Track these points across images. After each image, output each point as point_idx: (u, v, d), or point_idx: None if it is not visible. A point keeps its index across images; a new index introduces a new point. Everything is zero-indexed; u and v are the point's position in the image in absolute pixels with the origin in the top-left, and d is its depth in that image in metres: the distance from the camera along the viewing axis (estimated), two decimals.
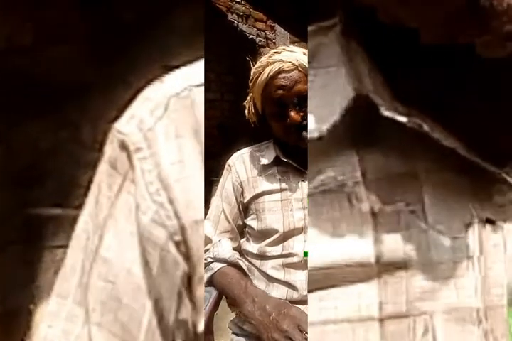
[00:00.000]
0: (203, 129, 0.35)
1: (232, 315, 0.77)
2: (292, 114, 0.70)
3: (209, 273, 0.75)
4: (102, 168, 0.35)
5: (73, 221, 0.36)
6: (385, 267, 0.33)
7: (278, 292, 0.70)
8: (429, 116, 0.33)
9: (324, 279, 0.33)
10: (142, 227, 0.32)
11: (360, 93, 0.33)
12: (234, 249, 0.78)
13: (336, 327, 0.32)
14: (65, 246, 0.36)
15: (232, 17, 3.06)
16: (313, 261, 0.33)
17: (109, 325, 0.32)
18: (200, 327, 0.33)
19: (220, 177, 0.83)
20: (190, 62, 0.37)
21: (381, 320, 0.32)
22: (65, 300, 0.34)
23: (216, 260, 0.75)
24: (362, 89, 0.33)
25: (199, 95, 0.35)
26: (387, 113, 0.32)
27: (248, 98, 0.81)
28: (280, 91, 0.71)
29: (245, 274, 0.74)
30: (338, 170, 0.34)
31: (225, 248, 0.76)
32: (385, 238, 0.33)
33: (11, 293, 0.44)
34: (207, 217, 0.82)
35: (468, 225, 0.33)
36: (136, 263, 0.32)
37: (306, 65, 0.71)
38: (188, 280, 0.33)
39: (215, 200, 0.82)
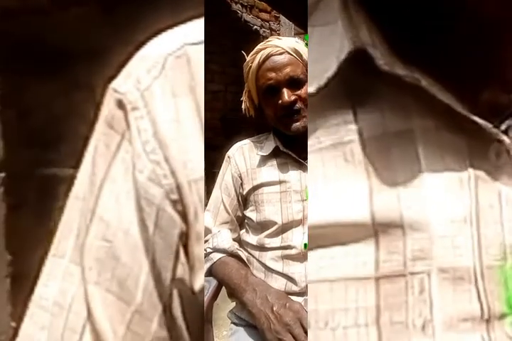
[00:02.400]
0: (202, 88, 0.35)
1: (232, 305, 0.78)
2: (284, 94, 0.70)
3: (209, 264, 0.75)
4: (100, 128, 0.35)
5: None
6: (381, 226, 0.32)
7: (277, 283, 0.71)
8: (427, 72, 0.32)
9: (322, 237, 0.33)
10: (139, 186, 0.32)
11: (357, 47, 0.32)
12: (233, 240, 0.79)
13: (332, 285, 0.32)
14: None
15: (236, 7, 3.02)
16: (312, 219, 0.33)
17: (107, 284, 0.32)
18: (198, 285, 0.33)
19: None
20: (190, 19, 0.37)
21: (377, 279, 0.32)
22: (62, 260, 0.34)
23: (216, 250, 0.76)
24: (359, 42, 0.32)
25: (197, 53, 0.35)
26: (385, 66, 0.32)
27: (244, 91, 0.81)
28: (271, 74, 0.71)
29: (245, 264, 0.74)
30: (333, 127, 0.34)
31: (224, 238, 0.77)
32: (380, 197, 0.33)
33: (26, 255, 0.45)
34: (207, 208, 0.82)
35: (464, 184, 0.33)
36: (133, 222, 0.32)
37: (298, 50, 0.72)
38: (186, 239, 0.33)
39: (214, 192, 0.82)
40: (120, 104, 0.34)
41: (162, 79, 0.34)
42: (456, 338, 0.31)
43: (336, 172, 0.33)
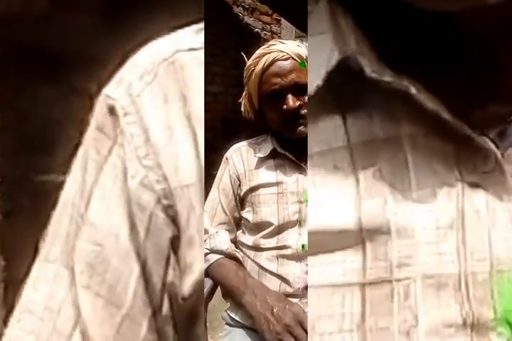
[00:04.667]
0: (201, 93, 0.35)
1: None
2: (289, 100, 0.70)
3: (206, 265, 0.75)
4: (91, 133, 0.35)
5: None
6: (367, 232, 0.32)
7: (271, 284, 0.71)
8: (415, 79, 0.32)
9: (314, 245, 0.33)
10: (130, 191, 0.33)
11: (345, 55, 0.33)
12: (230, 240, 0.79)
13: (317, 292, 0.33)
14: None
15: (237, 10, 3.04)
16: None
17: (97, 288, 0.32)
18: (189, 290, 0.33)
19: None
20: (187, 25, 0.37)
21: (363, 286, 0.32)
22: (52, 264, 0.34)
23: (213, 251, 0.76)
24: (347, 51, 0.33)
25: (192, 59, 0.35)
26: (373, 74, 0.32)
27: (243, 94, 0.81)
28: (277, 80, 0.71)
29: (243, 266, 0.74)
30: (322, 134, 0.34)
31: (222, 239, 0.77)
32: (367, 203, 0.33)
33: (20, 260, 0.45)
34: (204, 209, 0.83)
35: (451, 191, 0.33)
36: (123, 227, 0.32)
37: (301, 55, 0.72)
38: (177, 244, 0.33)
39: (212, 192, 0.83)
40: (112, 110, 0.34)
41: (154, 85, 0.34)
42: None
43: (325, 179, 0.34)
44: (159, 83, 0.34)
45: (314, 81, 0.34)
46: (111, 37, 0.49)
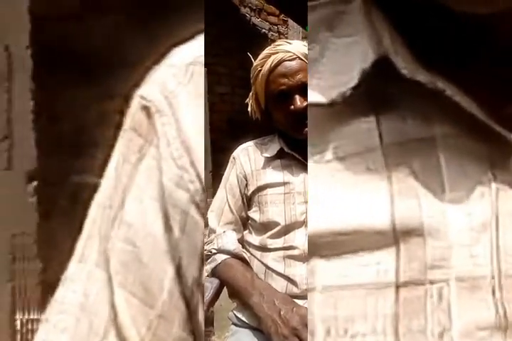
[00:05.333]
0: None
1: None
2: (297, 100, 0.70)
3: (213, 264, 0.75)
4: (126, 134, 0.36)
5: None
6: (401, 234, 0.32)
7: (277, 285, 0.71)
8: (450, 79, 0.32)
9: (340, 245, 0.33)
10: (165, 191, 0.33)
11: (380, 55, 0.33)
12: (237, 240, 0.79)
13: (351, 293, 0.32)
14: None
15: (244, 11, 3.04)
16: (325, 226, 0.33)
17: (131, 287, 0.32)
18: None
19: None
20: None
21: (397, 287, 0.32)
22: (86, 265, 0.34)
23: (220, 251, 0.76)
24: (382, 51, 0.33)
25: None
26: (407, 74, 0.32)
27: (250, 94, 0.81)
28: (284, 80, 0.71)
29: (250, 267, 0.74)
30: (355, 136, 0.34)
31: (229, 239, 0.77)
32: (401, 204, 0.33)
33: (55, 261, 0.45)
34: (210, 209, 0.83)
35: (484, 192, 0.33)
36: (158, 227, 0.33)
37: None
38: None
39: (219, 192, 0.83)
40: (147, 111, 0.34)
41: (189, 86, 0.35)
42: None
43: (358, 180, 0.34)
44: (193, 83, 0.35)
45: (348, 82, 0.34)
46: (144, 38, 0.49)
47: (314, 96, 0.35)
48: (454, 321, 0.31)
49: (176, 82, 0.35)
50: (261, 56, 0.75)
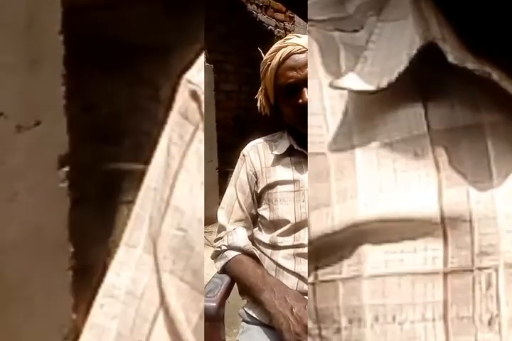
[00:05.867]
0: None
1: (243, 303, 0.79)
2: (305, 94, 0.69)
3: (223, 261, 0.76)
4: (173, 118, 0.36)
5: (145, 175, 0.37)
6: (449, 220, 0.32)
7: (288, 282, 0.71)
8: (498, 65, 0.32)
9: (389, 231, 0.33)
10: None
11: (428, 41, 0.32)
12: (247, 237, 0.79)
13: (400, 280, 0.32)
14: None
15: (251, 7, 3.03)
16: (371, 212, 0.33)
17: (181, 273, 0.32)
18: None
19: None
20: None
21: (445, 274, 0.32)
22: (134, 249, 0.35)
23: (231, 248, 0.76)
24: (430, 37, 0.33)
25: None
26: (455, 61, 0.32)
27: (259, 89, 0.81)
28: (292, 73, 0.71)
29: (260, 263, 0.74)
30: (402, 123, 0.34)
31: (240, 236, 0.77)
32: (449, 191, 0.33)
33: (88, 247, 0.45)
34: (221, 206, 0.83)
35: None
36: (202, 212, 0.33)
37: None
38: None
39: (229, 189, 0.83)
40: (195, 95, 0.34)
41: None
42: None
43: (405, 166, 0.33)
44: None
45: (395, 67, 0.33)
46: (175, 28, 0.49)
47: (358, 83, 0.34)
48: (502, 308, 0.31)
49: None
50: (271, 50, 0.75)
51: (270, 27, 3.24)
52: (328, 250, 0.35)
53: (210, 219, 1.04)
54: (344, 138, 0.35)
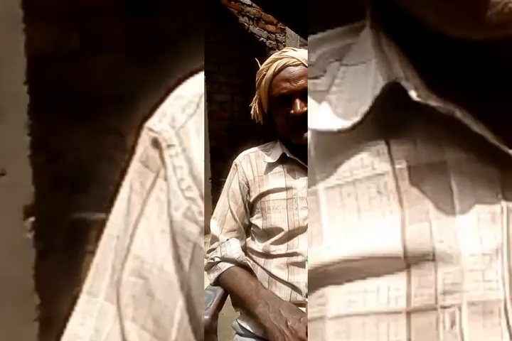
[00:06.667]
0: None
1: (237, 315, 0.77)
2: (297, 105, 0.71)
3: (216, 273, 0.75)
4: (134, 167, 0.36)
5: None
6: (412, 259, 0.32)
7: (281, 293, 0.70)
8: (461, 104, 0.32)
9: (352, 271, 0.33)
10: (174, 224, 0.33)
11: (391, 80, 0.33)
12: (240, 248, 0.78)
13: (362, 320, 0.32)
14: None
15: (243, 20, 3.07)
16: (335, 253, 0.33)
17: (142, 321, 0.32)
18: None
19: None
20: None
21: (408, 313, 0.32)
22: (96, 298, 0.34)
23: (224, 260, 0.75)
24: (393, 76, 0.33)
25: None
26: (418, 98, 0.32)
27: (254, 98, 0.82)
28: (286, 84, 0.72)
29: (254, 275, 0.73)
30: (365, 161, 0.34)
31: (233, 248, 0.76)
32: (413, 229, 0.33)
33: (54, 298, 0.44)
34: (213, 216, 0.82)
35: (496, 217, 0.33)
36: (168, 260, 0.32)
37: None
38: None
39: (221, 199, 0.82)
40: (155, 143, 0.34)
41: (196, 117, 0.35)
42: None
43: (369, 205, 0.34)
44: (200, 115, 0.35)
45: (358, 108, 0.34)
46: (141, 76, 0.49)
47: (322, 123, 0.35)
48: None
49: (184, 113, 0.35)
50: (267, 61, 0.77)
51: (262, 38, 3.29)
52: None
53: (203, 230, 1.03)
54: (311, 177, 0.36)
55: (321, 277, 0.33)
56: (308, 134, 0.36)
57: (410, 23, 0.33)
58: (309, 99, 0.37)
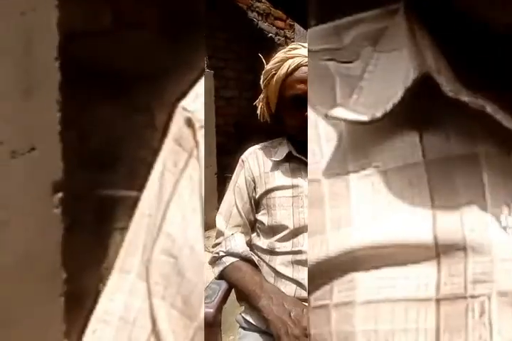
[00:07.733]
0: None
1: (240, 309, 0.78)
2: None
3: (221, 267, 0.76)
4: (168, 146, 0.36)
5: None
6: (443, 248, 0.33)
7: (286, 289, 0.71)
8: (492, 98, 0.32)
9: (383, 258, 0.33)
10: (204, 203, 0.33)
11: (422, 73, 0.33)
12: (246, 243, 0.79)
13: (393, 306, 0.32)
14: None
15: (252, 15, 3.06)
16: (368, 239, 0.33)
17: (171, 299, 0.33)
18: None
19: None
20: None
21: (438, 301, 0.32)
22: (128, 275, 0.35)
23: (229, 254, 0.76)
24: (425, 69, 0.33)
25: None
26: (450, 93, 0.32)
27: (260, 97, 0.81)
28: (300, 85, 0.70)
29: (258, 270, 0.74)
30: (397, 152, 0.35)
31: (238, 242, 0.77)
32: (444, 219, 0.33)
33: (81, 273, 0.45)
34: (219, 211, 0.83)
35: None
36: (199, 239, 0.33)
37: None
38: None
39: (227, 195, 0.83)
40: (189, 122, 0.35)
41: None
42: None
43: (401, 194, 0.34)
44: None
45: (390, 98, 0.34)
46: (172, 54, 0.49)
47: (353, 113, 0.35)
48: (494, 336, 0.31)
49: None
50: (276, 59, 0.74)
51: (270, 34, 3.27)
52: (322, 276, 0.35)
53: (208, 225, 1.04)
54: (338, 165, 0.36)
55: (350, 262, 0.34)
56: (340, 125, 0.36)
57: (445, 8, 0.33)
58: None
